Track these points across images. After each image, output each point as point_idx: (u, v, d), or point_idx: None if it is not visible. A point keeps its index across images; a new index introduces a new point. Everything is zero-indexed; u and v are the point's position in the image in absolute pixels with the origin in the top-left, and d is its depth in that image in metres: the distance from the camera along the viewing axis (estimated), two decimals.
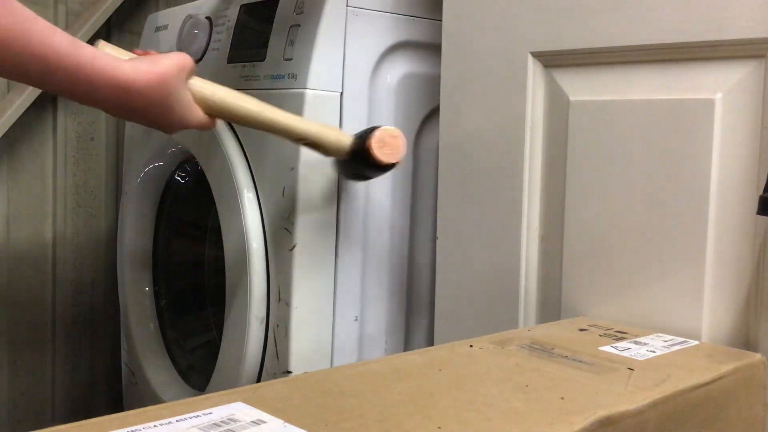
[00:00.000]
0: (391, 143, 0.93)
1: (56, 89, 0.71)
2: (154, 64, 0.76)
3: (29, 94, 1.48)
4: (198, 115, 0.83)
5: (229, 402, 0.56)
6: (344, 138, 0.92)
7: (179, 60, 0.79)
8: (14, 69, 0.66)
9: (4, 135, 1.47)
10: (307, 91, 1.02)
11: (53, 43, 0.67)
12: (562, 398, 0.60)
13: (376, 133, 0.92)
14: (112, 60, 0.72)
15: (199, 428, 0.51)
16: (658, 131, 0.83)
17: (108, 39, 1.55)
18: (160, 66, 0.76)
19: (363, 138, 0.92)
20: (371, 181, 1.06)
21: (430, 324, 1.16)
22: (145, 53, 0.81)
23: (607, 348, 0.75)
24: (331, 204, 1.05)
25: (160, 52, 0.82)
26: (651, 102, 0.83)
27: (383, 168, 0.94)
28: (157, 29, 1.40)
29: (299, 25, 1.05)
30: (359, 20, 1.06)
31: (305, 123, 0.91)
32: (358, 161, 0.93)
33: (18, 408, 1.59)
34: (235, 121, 0.89)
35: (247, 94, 0.89)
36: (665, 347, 0.76)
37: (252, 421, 0.53)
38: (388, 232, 1.12)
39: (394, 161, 0.94)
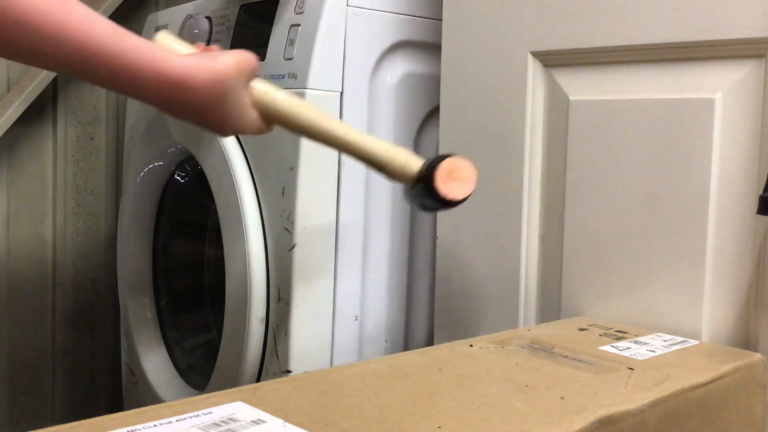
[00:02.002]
0: (460, 176, 0.80)
1: (99, 81, 0.65)
2: (211, 62, 0.69)
3: (29, 93, 1.48)
4: (254, 120, 0.76)
5: (229, 402, 0.56)
6: (413, 163, 0.80)
7: (240, 59, 0.72)
8: (52, 58, 0.61)
9: (4, 135, 1.47)
10: (307, 90, 1.02)
11: (94, 31, 0.61)
12: (562, 398, 0.60)
13: (444, 164, 0.80)
14: (161, 54, 0.66)
15: (199, 428, 0.51)
16: (658, 131, 0.83)
17: None
18: (218, 64, 0.70)
19: (431, 167, 0.80)
20: (381, 183, 1.05)
21: (430, 324, 1.16)
22: (207, 48, 0.75)
23: (607, 348, 0.75)
24: (331, 204, 1.05)
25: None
26: (651, 102, 0.83)
27: (447, 203, 0.81)
28: (157, 29, 1.40)
29: (299, 25, 1.05)
30: (359, 20, 1.06)
31: (370, 141, 0.80)
32: (423, 191, 0.81)
33: (18, 408, 1.59)
34: (294, 131, 0.80)
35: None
36: (665, 347, 0.76)
37: (252, 421, 0.53)
38: (388, 232, 1.12)
39: (460, 198, 0.80)
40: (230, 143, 1.11)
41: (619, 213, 0.86)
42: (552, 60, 0.92)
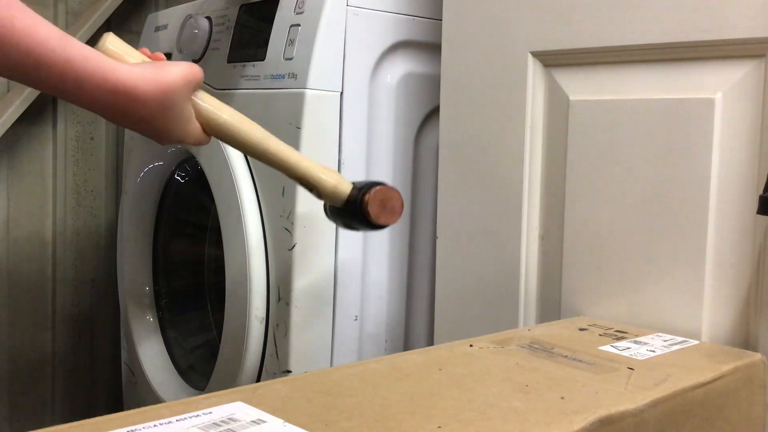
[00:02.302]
0: (389, 204, 0.88)
1: (44, 87, 0.64)
2: (159, 73, 0.70)
3: (29, 93, 1.48)
4: (196, 131, 0.78)
5: (229, 401, 0.56)
6: (343, 186, 0.86)
7: (187, 71, 0.74)
8: None
9: (4, 135, 1.47)
10: (307, 90, 1.02)
11: (39, 35, 0.61)
12: (562, 398, 0.60)
13: (374, 192, 0.86)
14: (107, 62, 0.67)
15: (199, 428, 0.51)
16: (658, 131, 0.83)
17: None
18: (167, 76, 0.71)
19: (362, 192, 0.86)
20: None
21: (430, 324, 1.16)
22: (153, 56, 0.77)
23: (607, 347, 0.75)
24: None
25: (160, 52, 0.80)
26: (651, 102, 0.83)
27: (375, 227, 0.88)
28: (157, 29, 1.40)
29: (299, 25, 1.05)
30: (359, 20, 1.06)
31: (305, 163, 0.84)
32: (351, 214, 0.87)
33: (18, 408, 1.59)
34: (233, 146, 0.83)
35: (243, 102, 0.85)
36: (665, 347, 0.76)
37: (252, 421, 0.53)
38: (388, 232, 1.12)
39: (388, 223, 0.88)
40: None
41: (619, 213, 0.86)
42: (552, 60, 0.92)
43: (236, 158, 1.10)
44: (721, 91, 0.79)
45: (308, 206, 1.02)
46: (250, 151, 0.83)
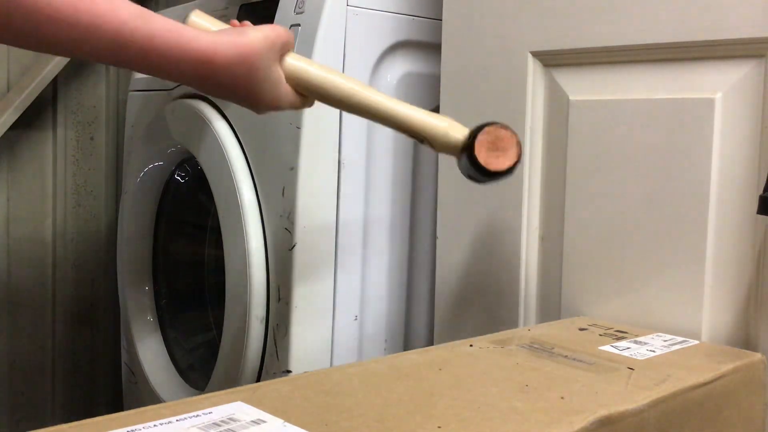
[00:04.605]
0: (500, 145, 0.76)
1: (130, 65, 0.65)
2: (238, 38, 0.69)
3: (29, 94, 1.48)
4: (289, 94, 0.75)
5: (229, 401, 0.56)
6: (455, 133, 0.76)
7: (268, 33, 0.71)
8: (83, 46, 0.61)
9: (4, 135, 1.47)
10: None
11: (121, 17, 0.61)
12: (562, 398, 0.60)
13: (482, 135, 0.75)
14: (188, 32, 0.66)
15: (199, 428, 0.51)
16: (658, 131, 0.83)
17: None
18: (245, 39, 0.69)
19: (472, 137, 0.76)
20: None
21: (430, 324, 1.16)
22: (240, 25, 0.75)
23: (607, 347, 0.75)
24: (331, 204, 1.05)
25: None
26: (651, 102, 0.83)
27: (492, 175, 0.76)
28: None
29: (299, 25, 1.05)
30: (359, 20, 1.06)
31: (408, 111, 0.77)
32: (467, 163, 0.76)
33: (18, 407, 1.59)
34: (331, 104, 0.77)
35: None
36: (665, 347, 0.76)
37: (252, 421, 0.53)
38: (388, 232, 1.12)
39: (502, 169, 0.76)
40: (230, 143, 1.11)
41: (619, 213, 0.86)
42: (552, 60, 0.92)
43: (236, 158, 1.10)
44: (721, 91, 0.79)
45: (308, 206, 1.02)
46: (348, 107, 0.77)
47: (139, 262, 1.39)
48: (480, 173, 0.76)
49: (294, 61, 0.75)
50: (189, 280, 1.41)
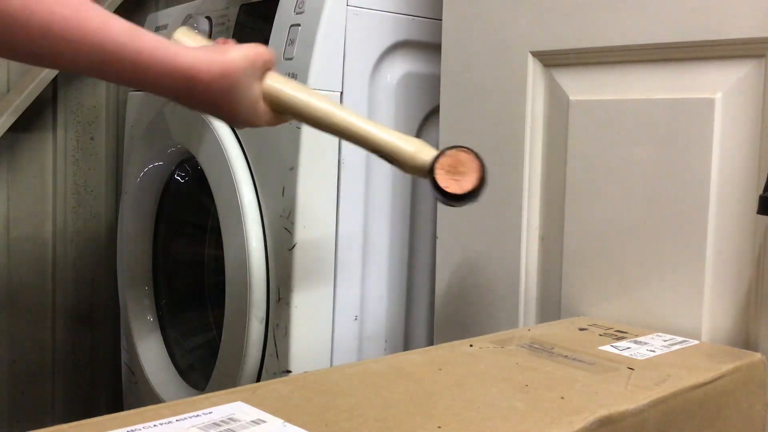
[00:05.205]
0: (461, 169, 0.75)
1: (117, 79, 0.67)
2: (220, 55, 0.70)
3: (29, 94, 1.48)
4: (266, 113, 0.77)
5: (229, 401, 0.56)
6: (423, 156, 0.76)
7: (249, 53, 0.73)
8: (72, 60, 0.62)
9: (4, 135, 1.47)
10: None
11: (111, 31, 0.63)
12: (562, 398, 0.60)
13: (442, 158, 0.75)
14: (173, 48, 0.67)
15: (199, 428, 0.51)
16: (658, 131, 0.83)
17: None
18: (226, 57, 0.71)
19: (434, 160, 0.76)
20: (379, 183, 1.05)
21: (430, 324, 1.16)
22: (225, 41, 0.76)
23: (607, 347, 0.75)
24: (331, 204, 1.05)
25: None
26: (651, 101, 0.83)
27: (454, 198, 0.75)
28: (157, 29, 1.40)
29: (299, 25, 1.05)
30: (359, 20, 1.06)
31: (379, 133, 0.78)
32: (431, 185, 0.76)
33: (18, 407, 1.59)
34: (305, 123, 0.79)
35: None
36: (665, 347, 0.76)
37: (252, 421, 0.53)
38: (388, 232, 1.12)
39: (460, 192, 0.75)
40: (230, 143, 1.11)
41: (619, 213, 0.86)
42: (552, 60, 0.92)
43: (236, 158, 1.10)
44: (721, 91, 0.79)
45: (308, 206, 1.02)
46: (321, 126, 0.79)
47: (139, 262, 1.39)
48: (442, 196, 0.75)
49: (271, 82, 0.77)
50: (189, 280, 1.41)
